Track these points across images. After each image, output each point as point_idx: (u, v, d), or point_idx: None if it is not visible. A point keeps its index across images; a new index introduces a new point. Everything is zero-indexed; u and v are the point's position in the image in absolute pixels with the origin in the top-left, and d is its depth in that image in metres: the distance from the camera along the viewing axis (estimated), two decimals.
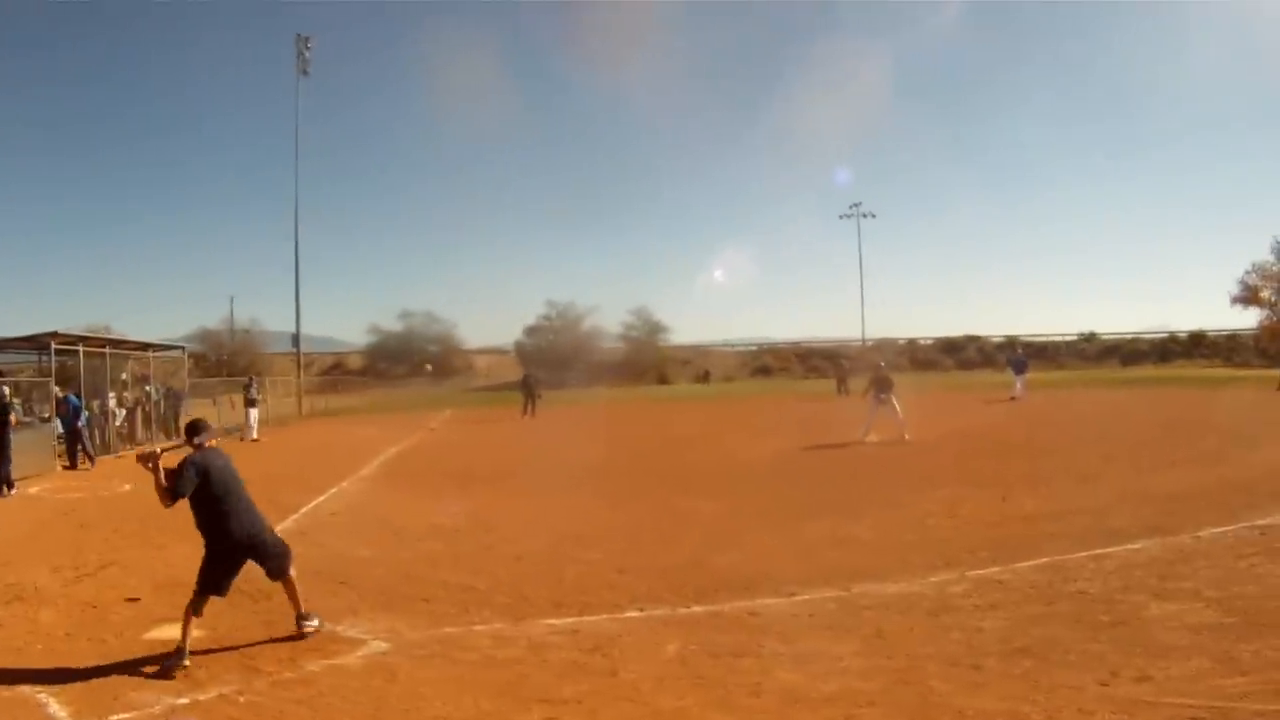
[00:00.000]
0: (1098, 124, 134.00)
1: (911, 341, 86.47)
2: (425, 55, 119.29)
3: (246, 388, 30.55)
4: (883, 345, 77.68)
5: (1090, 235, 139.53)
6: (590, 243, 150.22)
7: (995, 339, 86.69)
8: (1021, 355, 40.66)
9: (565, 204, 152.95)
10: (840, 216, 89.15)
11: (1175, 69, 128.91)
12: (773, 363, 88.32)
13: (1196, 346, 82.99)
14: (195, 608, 6.62)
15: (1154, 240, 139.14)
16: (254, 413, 29.43)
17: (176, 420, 28.68)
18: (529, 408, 35.89)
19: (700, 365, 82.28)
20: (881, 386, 21.42)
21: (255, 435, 28.37)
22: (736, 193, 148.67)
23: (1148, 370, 70.45)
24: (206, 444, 6.96)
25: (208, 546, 6.76)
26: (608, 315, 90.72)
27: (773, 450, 20.13)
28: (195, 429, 7.06)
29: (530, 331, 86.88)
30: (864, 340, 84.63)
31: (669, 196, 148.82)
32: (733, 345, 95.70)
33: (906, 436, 20.27)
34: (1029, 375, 37.59)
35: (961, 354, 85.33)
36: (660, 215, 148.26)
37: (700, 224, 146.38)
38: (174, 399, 29.07)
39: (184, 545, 9.54)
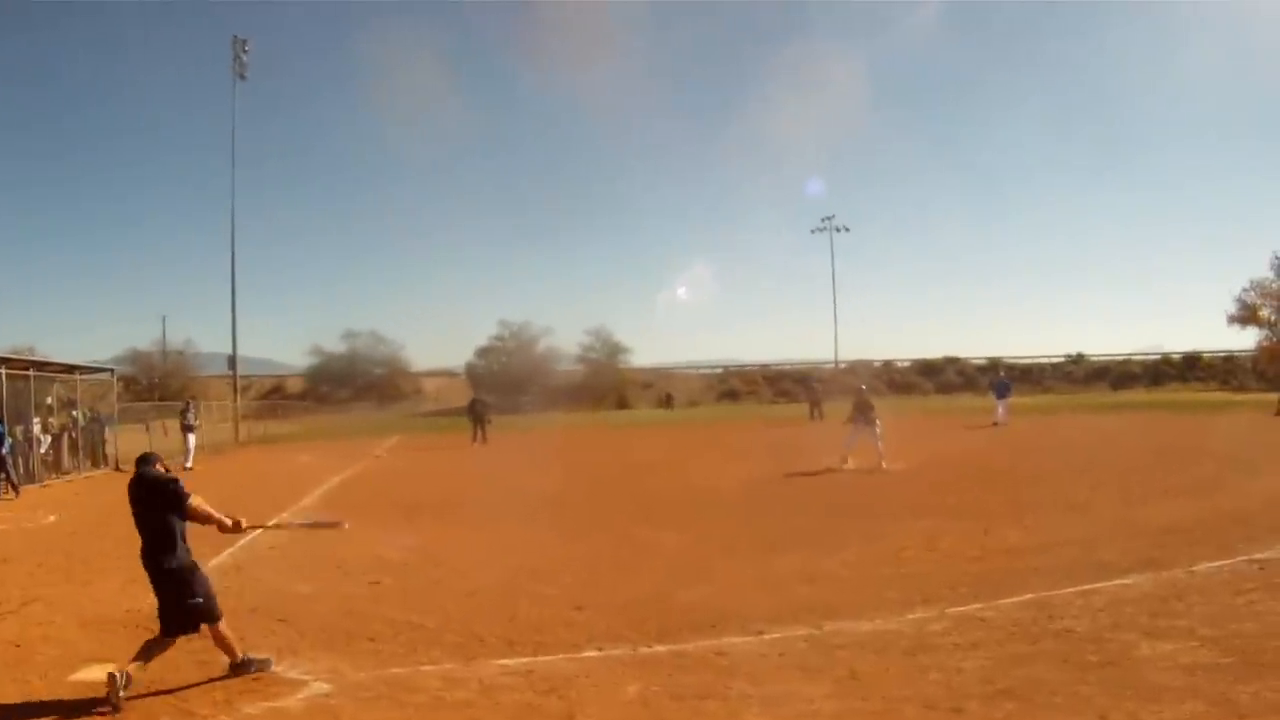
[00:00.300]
0: (1086, 131, 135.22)
1: (888, 363, 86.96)
2: (371, 58, 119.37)
3: (183, 413, 30.21)
4: (857, 367, 78.04)
5: (1078, 250, 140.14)
6: (546, 258, 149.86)
7: (976, 361, 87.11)
8: (1004, 378, 40.89)
9: (520, 217, 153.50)
10: (812, 230, 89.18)
11: (1169, 72, 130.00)
12: (740, 386, 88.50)
13: (1191, 369, 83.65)
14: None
15: (1146, 256, 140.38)
16: (191, 439, 29.09)
17: (102, 448, 28.31)
18: (478, 434, 35.57)
19: (663, 388, 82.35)
20: (863, 411, 21.46)
21: (189, 464, 27.96)
22: (701, 205, 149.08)
23: (1139, 394, 70.88)
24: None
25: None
26: (564, 336, 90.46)
27: (740, 478, 20.11)
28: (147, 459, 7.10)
29: (482, 353, 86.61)
30: (837, 362, 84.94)
31: (630, 209, 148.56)
32: (697, 367, 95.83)
33: (884, 465, 20.33)
34: (1012, 399, 37.81)
35: (940, 376, 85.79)
36: (620, 229, 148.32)
37: (663, 239, 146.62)
38: (98, 424, 28.65)
39: (111, 580, 9.38)
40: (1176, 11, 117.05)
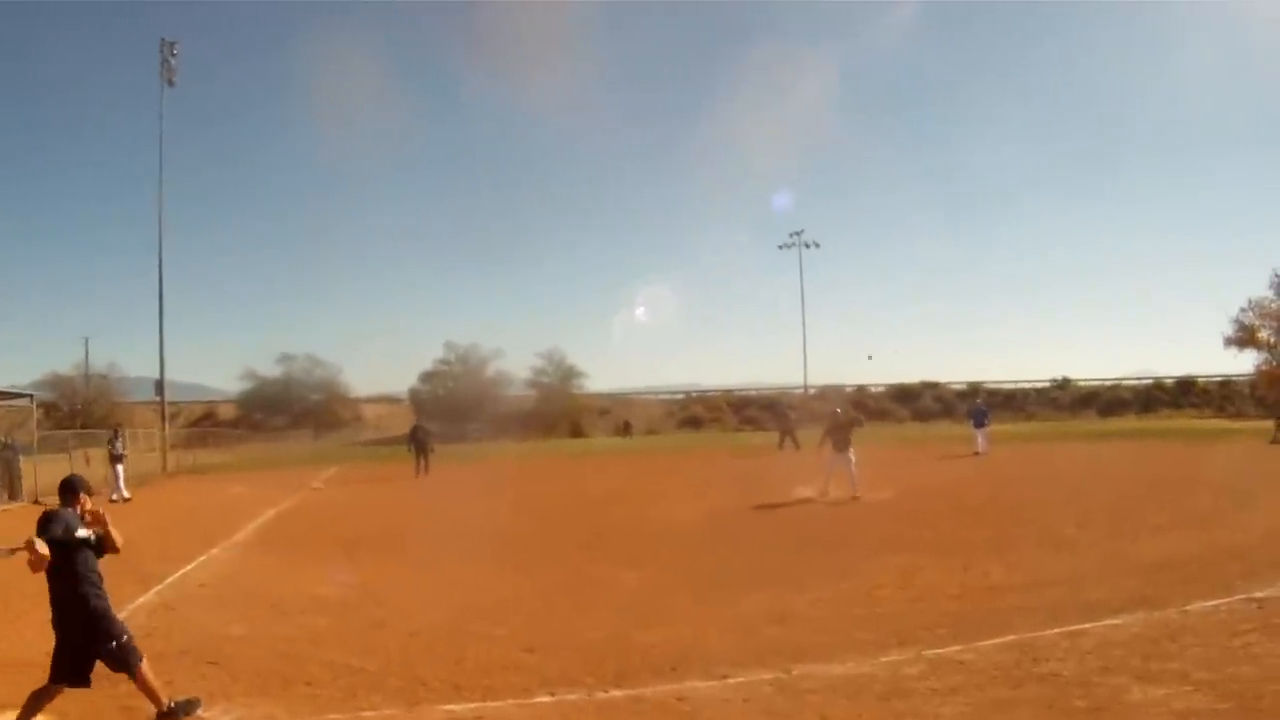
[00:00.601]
0: (1074, 141, 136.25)
1: (861, 388, 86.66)
2: (309, 62, 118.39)
3: (111, 442, 29.84)
4: (827, 392, 78.07)
5: (1065, 268, 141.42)
6: (496, 276, 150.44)
7: (955, 386, 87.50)
8: (981, 406, 40.95)
9: (467, 232, 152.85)
10: (779, 246, 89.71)
11: (1162, 76, 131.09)
12: (703, 413, 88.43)
13: (1185, 394, 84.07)
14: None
15: (1138, 273, 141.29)
16: (120, 469, 28.70)
17: (16, 479, 27.80)
18: (421, 464, 35.22)
19: (620, 415, 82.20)
20: (839, 435, 21.50)
21: (127, 494, 27.81)
22: (661, 220, 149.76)
23: (1129, 421, 71.07)
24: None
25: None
26: (515, 359, 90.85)
27: (704, 511, 20.07)
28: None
29: (426, 378, 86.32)
30: (806, 387, 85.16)
31: (585, 224, 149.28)
32: (657, 393, 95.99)
33: (857, 495, 20.38)
34: (991, 427, 37.98)
35: (917, 403, 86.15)
36: (575, 245, 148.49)
37: (620, 256, 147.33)
38: (12, 453, 28.16)
39: (30, 622, 9.15)
40: (1171, 11, 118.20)
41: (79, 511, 6.77)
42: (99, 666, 6.65)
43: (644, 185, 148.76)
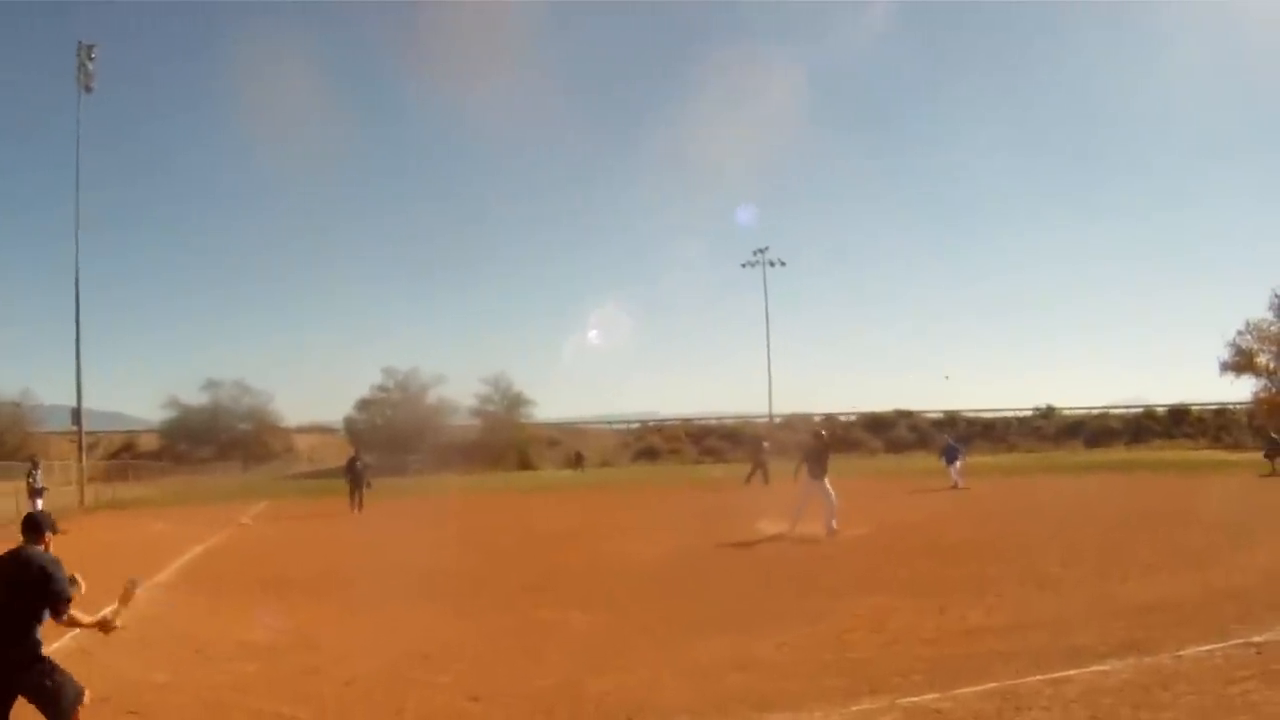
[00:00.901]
0: (1058, 152, 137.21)
1: (830, 417, 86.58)
2: (236, 68, 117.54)
3: (30, 474, 29.46)
4: (794, 421, 78.10)
5: (1049, 289, 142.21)
6: (437, 297, 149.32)
7: (931, 414, 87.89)
8: (953, 443, 41.07)
9: (406, 249, 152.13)
10: (743, 264, 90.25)
11: (1151, 84, 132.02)
12: (660, 443, 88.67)
13: (1178, 423, 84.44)
14: None
15: (1126, 295, 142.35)
16: (40, 504, 28.22)
17: None
18: (356, 499, 34.77)
19: (571, 446, 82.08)
20: (816, 463, 21.38)
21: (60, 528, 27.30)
22: (616, 236, 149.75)
23: (1118, 452, 71.05)
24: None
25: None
26: (458, 386, 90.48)
27: (662, 550, 19.96)
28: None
29: (363, 406, 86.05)
30: (771, 416, 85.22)
31: (533, 240, 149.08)
32: (611, 422, 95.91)
33: (834, 529, 20.44)
34: (965, 461, 38.18)
35: (891, 432, 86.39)
36: (522, 264, 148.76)
37: (571, 275, 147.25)
38: None
39: None
40: (1161, 10, 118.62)
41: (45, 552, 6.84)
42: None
43: (597, 198, 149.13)
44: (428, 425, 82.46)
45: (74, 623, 6.76)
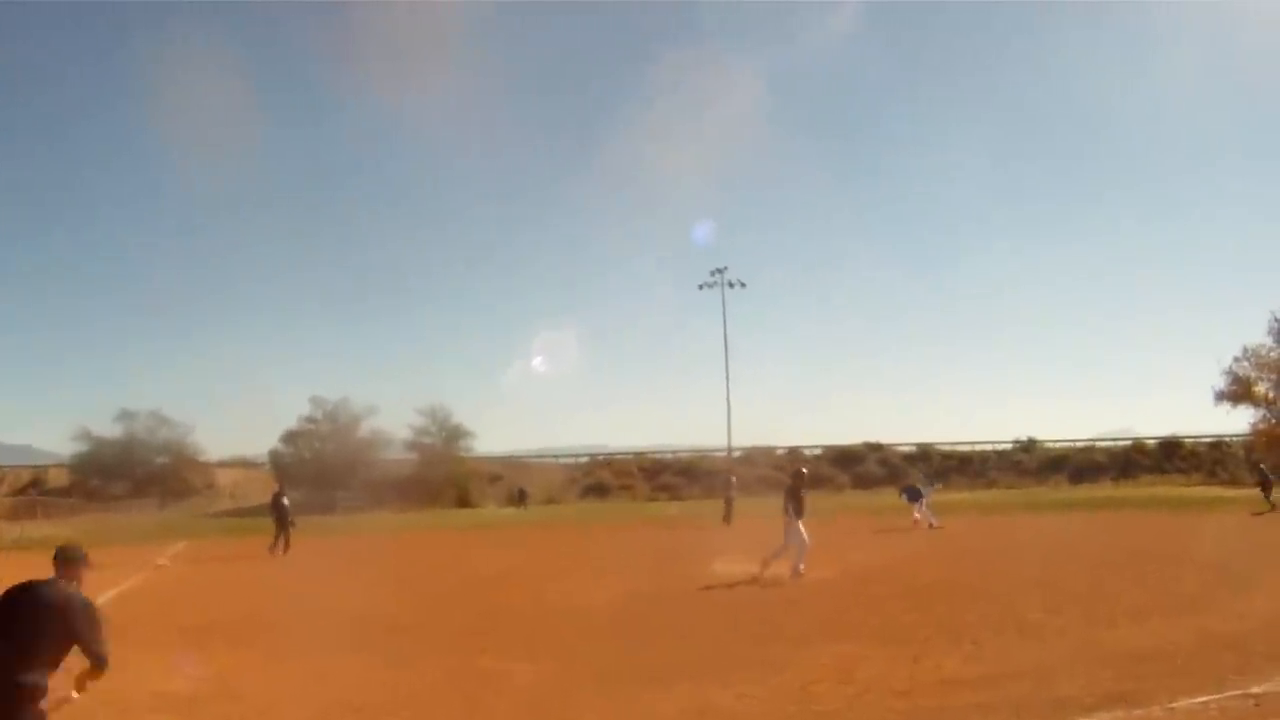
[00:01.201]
0: (1040, 165, 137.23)
1: (794, 450, 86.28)
2: (148, 72, 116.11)
3: None
4: (755, 455, 77.97)
5: (1030, 313, 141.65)
6: (370, 322, 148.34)
7: (904, 448, 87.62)
8: (914, 486, 40.98)
9: (337, 271, 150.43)
10: (700, 286, 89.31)
11: (1139, 91, 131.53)
12: (610, 479, 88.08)
13: (1169, 457, 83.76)
14: None
15: (1113, 319, 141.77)
16: None
17: None
18: (281, 539, 34.22)
19: (514, 482, 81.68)
20: (796, 500, 21.46)
21: None
22: (562, 256, 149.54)
23: (1105, 488, 70.26)
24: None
25: None
26: (392, 417, 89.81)
27: (612, 593, 19.95)
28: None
29: (289, 438, 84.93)
30: (730, 450, 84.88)
31: (473, 260, 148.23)
32: (557, 456, 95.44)
33: (801, 567, 20.59)
34: (932, 498, 38.24)
35: (859, 467, 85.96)
36: (462, 285, 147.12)
37: (514, 298, 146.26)
38: None
39: None
40: (1150, 11, 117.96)
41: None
42: None
43: (542, 215, 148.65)
44: (359, 459, 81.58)
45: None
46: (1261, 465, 42.75)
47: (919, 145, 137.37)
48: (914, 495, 37.16)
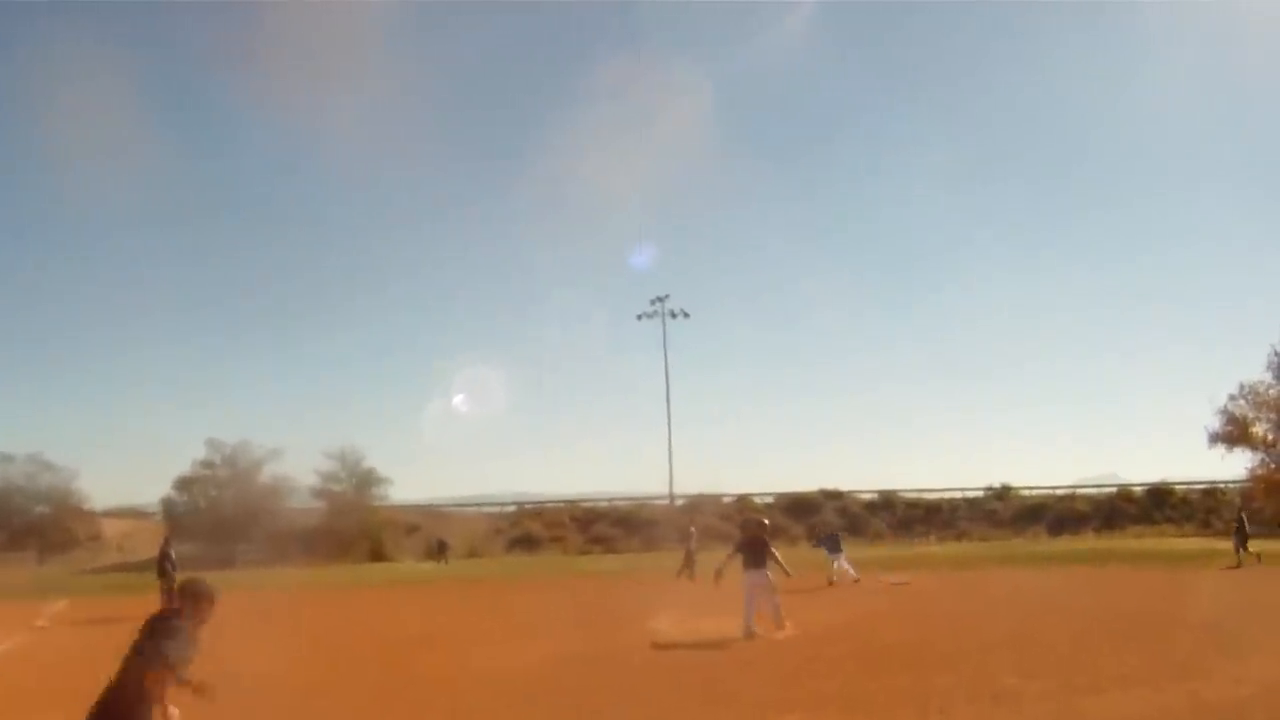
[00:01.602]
0: (1015, 184, 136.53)
1: (744, 498, 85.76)
2: (24, 78, 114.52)
3: None
4: (700, 504, 77.55)
5: (1003, 346, 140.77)
6: (272, 356, 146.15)
7: (864, 495, 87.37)
8: (833, 533, 41.13)
9: (236, 300, 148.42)
10: (638, 316, 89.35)
11: (1126, 103, 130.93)
12: (540, 530, 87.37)
13: (1159, 506, 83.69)
14: None
15: (1096, 354, 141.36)
16: None
17: None
18: (167, 595, 33.73)
19: (434, 533, 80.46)
20: (755, 553, 21.84)
21: None
22: (487, 284, 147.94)
23: (1088, 540, 69.68)
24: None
25: None
26: (298, 461, 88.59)
27: (541, 657, 19.84)
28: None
29: (183, 485, 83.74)
30: (672, 497, 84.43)
31: (388, 289, 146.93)
32: (481, 505, 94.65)
33: (753, 626, 20.87)
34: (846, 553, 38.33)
35: (816, 516, 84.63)
36: (375, 317, 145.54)
37: (433, 330, 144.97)
38: None
39: None
40: (1140, 12, 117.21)
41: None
42: None
43: (464, 239, 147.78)
44: (261, 508, 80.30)
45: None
46: (1241, 514, 42.86)
47: (883, 162, 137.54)
48: (834, 546, 37.26)
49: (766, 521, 23.75)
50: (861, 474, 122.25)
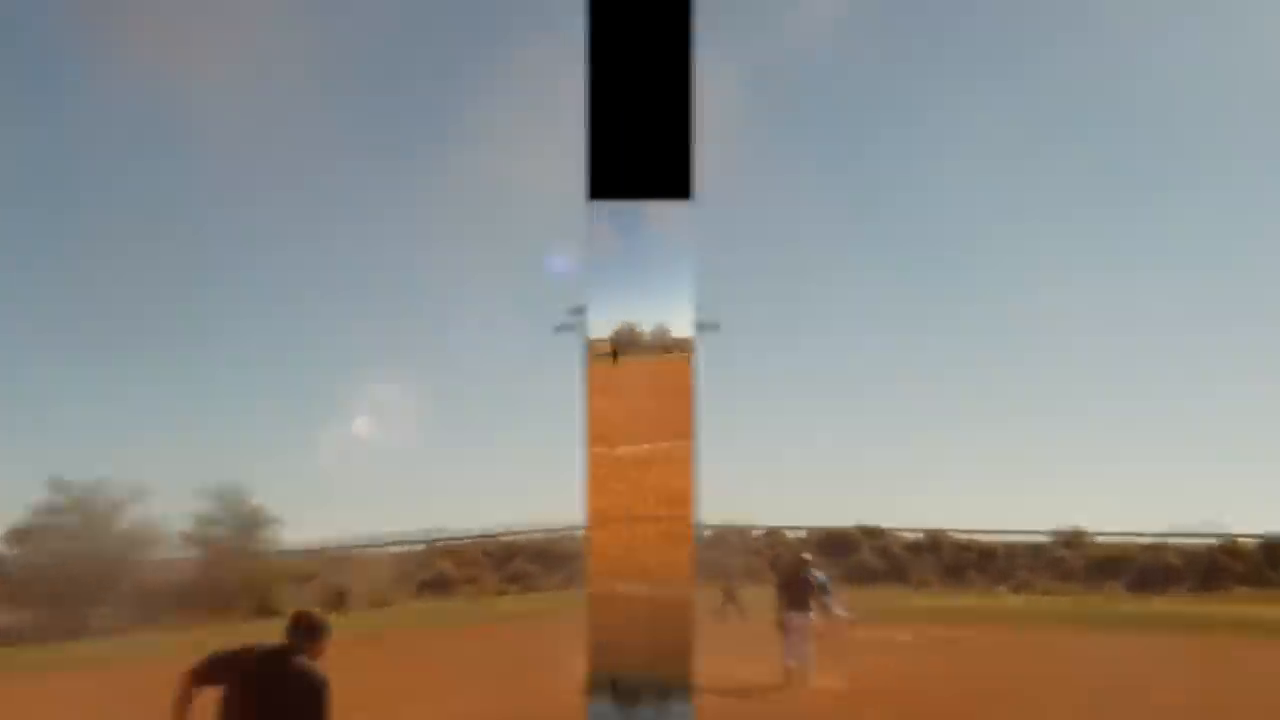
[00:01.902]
0: (1089, 167, 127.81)
1: (773, 532, 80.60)
2: None
3: None
4: (724, 536, 75.09)
5: (1078, 360, 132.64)
6: (134, 377, 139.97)
7: (908, 534, 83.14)
8: (820, 576, 38.26)
9: (85, 311, 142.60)
10: (556, 329, 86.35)
11: (1221, 85, 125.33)
12: (453, 570, 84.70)
13: (1273, 564, 75.60)
14: None
15: (1193, 370, 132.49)
16: None
17: None
18: None
19: (332, 581, 77.91)
20: (796, 595, 22.57)
21: None
22: (388, 292, 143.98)
23: (1181, 602, 64.31)
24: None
25: None
26: (166, 502, 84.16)
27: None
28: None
29: (20, 537, 79.35)
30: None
31: (272, 300, 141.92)
32: (386, 545, 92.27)
33: (810, 677, 21.74)
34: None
35: (852, 558, 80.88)
36: (256, 332, 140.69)
37: (327, 346, 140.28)
38: None
39: None
40: None
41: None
42: None
43: (362, 241, 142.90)
44: (120, 562, 76.78)
45: None
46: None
47: (930, 164, 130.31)
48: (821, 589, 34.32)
49: (808, 557, 24.18)
50: (906, 509, 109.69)
